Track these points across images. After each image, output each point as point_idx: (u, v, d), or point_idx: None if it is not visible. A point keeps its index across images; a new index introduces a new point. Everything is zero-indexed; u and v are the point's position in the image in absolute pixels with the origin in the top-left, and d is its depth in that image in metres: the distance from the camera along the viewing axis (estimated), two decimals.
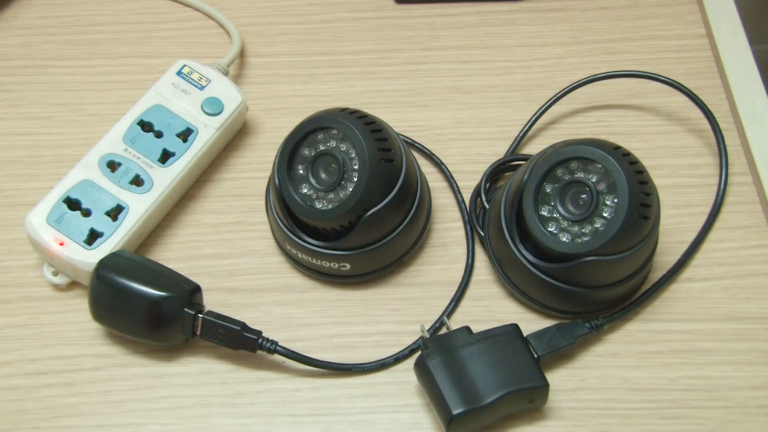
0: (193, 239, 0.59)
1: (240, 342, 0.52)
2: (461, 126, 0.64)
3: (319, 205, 0.53)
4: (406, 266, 0.58)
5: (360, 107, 0.54)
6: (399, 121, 0.63)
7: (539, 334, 0.52)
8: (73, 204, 0.56)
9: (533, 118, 0.63)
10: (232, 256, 0.58)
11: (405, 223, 0.54)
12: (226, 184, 0.62)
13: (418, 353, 0.51)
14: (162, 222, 0.59)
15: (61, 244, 0.54)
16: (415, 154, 0.60)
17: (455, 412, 0.48)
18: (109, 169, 0.57)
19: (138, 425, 0.52)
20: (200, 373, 0.53)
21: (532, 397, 0.50)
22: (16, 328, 0.55)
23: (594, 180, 0.51)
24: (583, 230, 0.51)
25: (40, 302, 0.56)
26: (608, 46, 0.69)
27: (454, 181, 0.61)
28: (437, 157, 0.62)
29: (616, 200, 0.49)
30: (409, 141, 0.63)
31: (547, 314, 0.55)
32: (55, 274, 0.56)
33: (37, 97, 0.66)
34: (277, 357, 0.53)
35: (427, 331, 0.53)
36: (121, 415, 0.52)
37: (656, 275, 0.57)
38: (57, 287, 0.56)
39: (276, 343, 0.52)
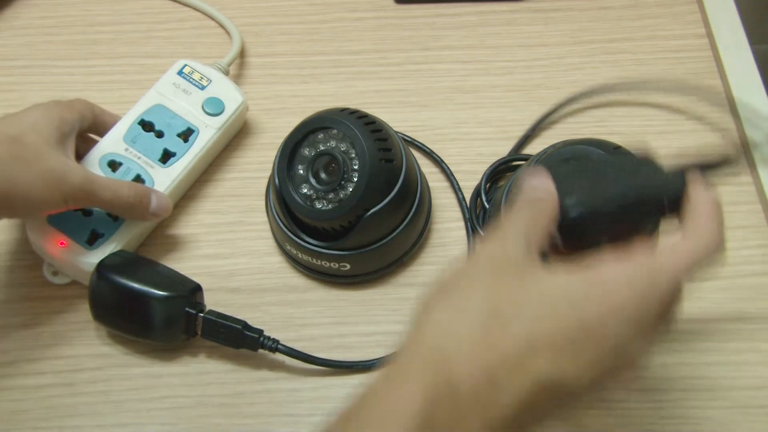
0: (193, 239, 0.59)
1: (241, 341, 0.52)
2: (461, 126, 0.64)
3: (319, 205, 0.53)
4: (406, 266, 0.58)
5: (360, 107, 0.54)
6: (399, 121, 0.63)
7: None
8: None
9: (536, 124, 0.63)
10: (232, 256, 0.58)
11: (405, 223, 0.54)
12: (226, 184, 0.62)
13: None
14: (162, 222, 0.59)
15: (62, 244, 0.54)
16: (415, 154, 0.60)
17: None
18: (109, 169, 0.57)
19: (138, 425, 0.52)
20: (200, 373, 0.53)
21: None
22: (16, 328, 0.55)
23: None
24: None
25: (40, 302, 0.56)
26: (608, 46, 0.69)
27: (455, 178, 0.61)
28: (437, 155, 0.62)
29: None
30: (409, 139, 0.63)
31: None
32: (55, 273, 0.56)
33: (37, 97, 0.66)
34: (277, 357, 0.53)
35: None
36: (121, 415, 0.52)
37: None
38: (57, 287, 0.56)
39: (277, 342, 0.52)
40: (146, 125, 0.59)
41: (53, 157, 0.50)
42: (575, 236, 0.41)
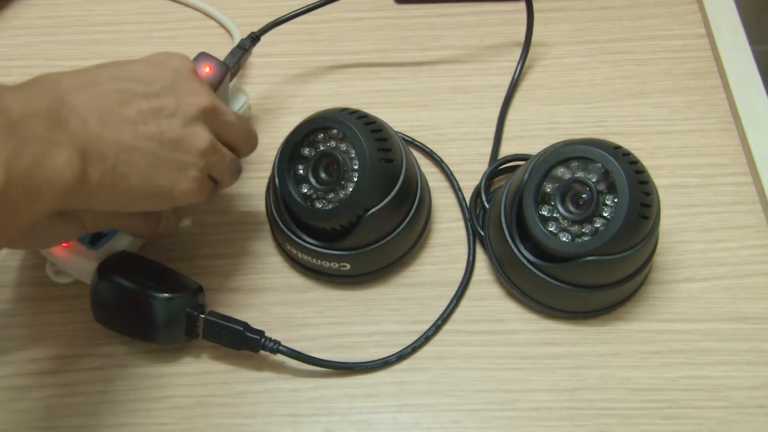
0: (194, 239, 0.59)
1: (242, 342, 0.52)
2: (461, 126, 0.64)
3: (319, 205, 0.53)
4: (406, 266, 0.58)
5: (360, 107, 0.54)
6: (399, 121, 0.63)
7: None
8: None
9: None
10: (232, 256, 0.58)
11: (405, 223, 0.54)
12: None
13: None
14: None
15: (65, 244, 0.54)
16: (415, 154, 0.60)
17: None
18: None
19: (138, 425, 0.52)
20: (200, 373, 0.53)
21: None
22: (16, 328, 0.55)
23: (594, 180, 0.51)
24: (583, 230, 0.51)
25: (40, 302, 0.56)
26: (608, 46, 0.69)
27: (455, 178, 0.61)
28: (437, 155, 0.62)
29: (616, 200, 0.49)
30: (408, 139, 0.63)
31: (547, 314, 0.55)
32: (58, 273, 0.56)
33: None
34: (277, 357, 0.53)
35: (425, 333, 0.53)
36: (121, 415, 0.52)
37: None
38: (58, 287, 0.56)
39: (279, 343, 0.52)
40: None
41: None
42: None
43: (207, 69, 0.55)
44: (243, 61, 0.60)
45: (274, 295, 0.57)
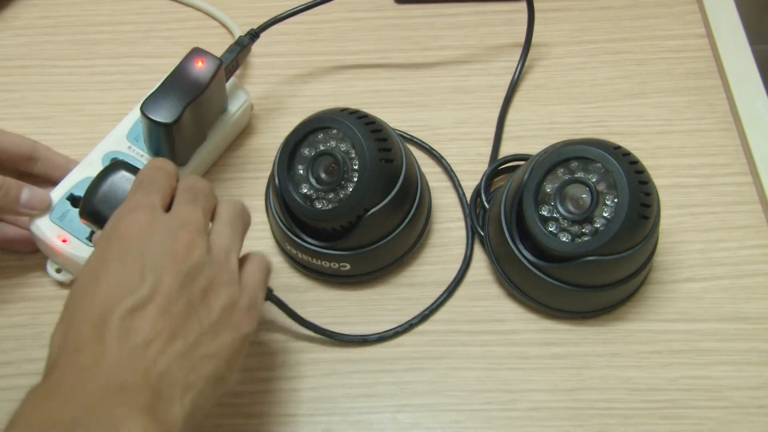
0: None
1: None
2: (461, 126, 0.64)
3: (319, 205, 0.53)
4: (406, 266, 0.58)
5: (360, 107, 0.54)
6: (399, 121, 0.63)
7: None
8: (76, 201, 0.55)
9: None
10: None
11: (405, 223, 0.54)
12: (226, 184, 0.62)
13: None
14: None
15: (64, 241, 0.54)
16: (416, 153, 0.60)
17: None
18: None
19: None
20: None
21: None
22: (16, 328, 0.55)
23: (594, 180, 0.51)
24: (583, 230, 0.51)
25: (40, 302, 0.56)
26: (608, 46, 0.69)
27: (455, 175, 0.61)
28: (436, 152, 0.62)
29: (616, 200, 0.49)
30: (408, 137, 0.63)
31: (547, 314, 0.55)
32: (59, 271, 0.56)
33: (37, 97, 0.66)
34: (277, 357, 0.53)
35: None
36: None
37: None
38: (61, 284, 0.56)
39: (270, 290, 0.50)
40: None
41: None
42: None
43: (199, 64, 0.55)
44: (242, 58, 0.60)
45: None
